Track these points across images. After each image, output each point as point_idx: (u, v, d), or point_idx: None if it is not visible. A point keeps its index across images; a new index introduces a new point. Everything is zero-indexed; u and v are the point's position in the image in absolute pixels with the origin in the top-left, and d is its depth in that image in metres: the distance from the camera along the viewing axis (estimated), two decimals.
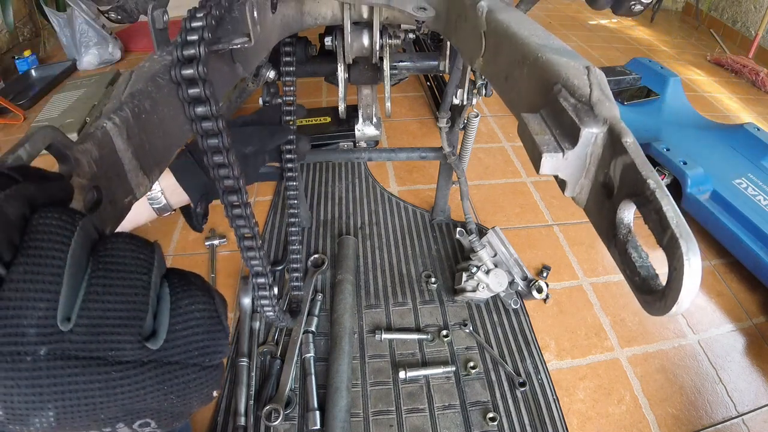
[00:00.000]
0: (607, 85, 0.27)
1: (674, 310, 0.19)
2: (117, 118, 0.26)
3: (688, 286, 0.18)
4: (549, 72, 0.29)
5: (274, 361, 0.97)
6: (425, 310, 1.11)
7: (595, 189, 0.26)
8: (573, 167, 0.26)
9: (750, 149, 1.49)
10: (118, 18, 0.56)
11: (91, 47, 2.28)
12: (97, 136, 0.25)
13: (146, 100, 0.29)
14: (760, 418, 0.96)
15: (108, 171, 0.26)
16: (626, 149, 0.23)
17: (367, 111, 1.00)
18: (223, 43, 0.33)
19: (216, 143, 0.33)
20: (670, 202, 0.20)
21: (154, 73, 0.30)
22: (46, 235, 0.16)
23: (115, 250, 0.18)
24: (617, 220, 0.24)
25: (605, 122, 0.24)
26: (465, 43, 0.50)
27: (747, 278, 1.25)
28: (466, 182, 1.10)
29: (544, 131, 0.26)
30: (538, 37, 0.34)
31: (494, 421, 0.90)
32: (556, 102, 0.27)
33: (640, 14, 0.55)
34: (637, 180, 0.22)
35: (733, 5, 2.97)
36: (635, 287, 0.23)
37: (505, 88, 0.38)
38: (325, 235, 1.29)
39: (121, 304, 0.17)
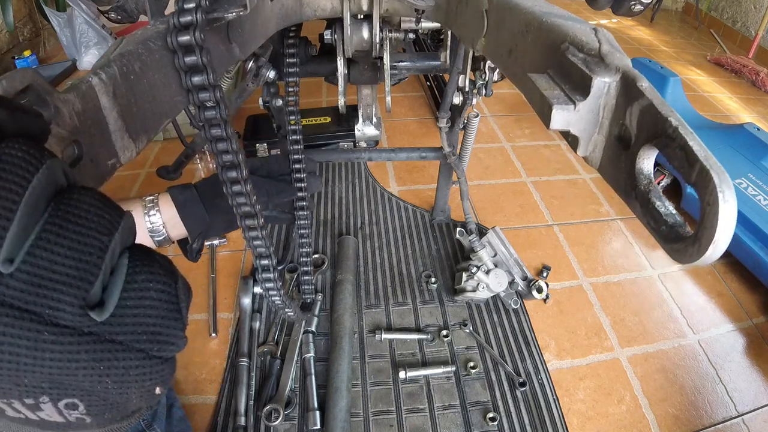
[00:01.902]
0: (616, 41, 0.26)
1: (709, 252, 0.17)
2: (104, 74, 0.25)
3: (724, 223, 0.16)
4: (555, 33, 0.28)
5: (274, 361, 0.97)
6: (425, 310, 1.11)
7: (609, 143, 0.25)
8: (585, 121, 0.25)
9: (750, 149, 1.49)
10: (118, 18, 0.56)
11: (91, 47, 2.28)
12: (81, 89, 0.24)
13: (136, 61, 0.28)
14: (760, 418, 0.96)
15: (91, 127, 0.25)
16: (643, 92, 0.22)
17: (367, 111, 1.00)
18: (219, 11, 0.32)
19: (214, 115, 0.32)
20: (695, 138, 0.19)
21: (146, 38, 0.29)
22: (7, 165, 0.14)
23: (79, 202, 0.16)
24: (637, 171, 0.23)
25: (618, 70, 0.24)
26: (466, 27, 0.50)
27: (747, 278, 1.25)
28: (466, 182, 1.10)
29: (552, 87, 0.26)
30: (541, 6, 0.34)
31: (494, 421, 0.90)
32: (564, 59, 0.26)
33: (640, 14, 0.55)
34: (657, 120, 0.21)
35: (733, 5, 2.97)
36: (662, 237, 0.21)
37: (509, 63, 0.37)
38: (325, 235, 1.29)
39: (71, 261, 0.15)
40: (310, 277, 0.97)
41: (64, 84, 2.10)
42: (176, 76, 0.31)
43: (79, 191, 0.17)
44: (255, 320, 1.04)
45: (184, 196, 0.54)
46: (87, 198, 0.16)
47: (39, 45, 2.55)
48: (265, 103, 0.89)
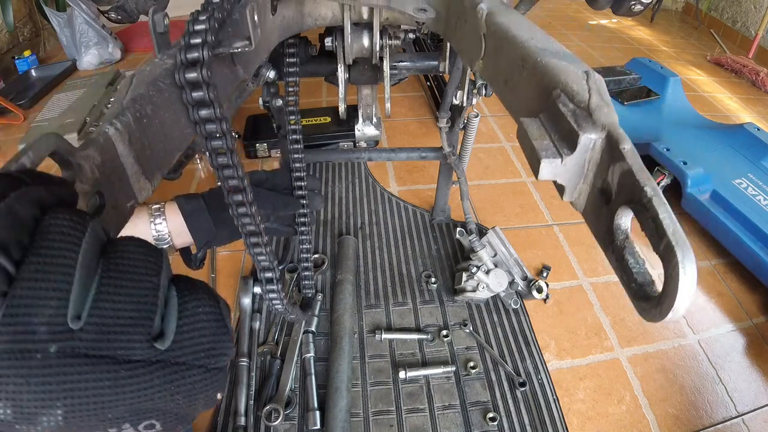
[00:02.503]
0: (606, 90, 0.27)
1: (670, 316, 0.19)
2: (119, 123, 0.26)
3: (683, 294, 0.18)
4: (548, 76, 0.29)
5: (274, 361, 0.97)
6: (425, 310, 1.11)
7: (593, 194, 0.26)
8: (571, 173, 0.26)
9: (750, 149, 1.49)
10: (118, 18, 0.56)
11: (91, 47, 2.28)
12: (99, 142, 0.25)
13: (148, 104, 0.29)
14: (760, 418, 0.96)
15: (110, 176, 0.26)
16: (624, 156, 0.23)
17: (367, 111, 1.00)
18: (224, 46, 0.33)
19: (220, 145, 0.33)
20: (667, 210, 0.20)
21: (155, 78, 0.30)
22: (57, 235, 0.16)
23: (125, 252, 0.19)
24: (615, 226, 0.24)
25: (604, 128, 0.24)
26: (465, 44, 0.50)
27: (747, 278, 1.25)
28: (466, 182, 1.10)
29: (542, 136, 0.26)
30: (538, 41, 0.34)
31: (494, 421, 0.90)
32: (554, 107, 0.27)
33: (640, 14, 0.55)
34: (635, 187, 0.22)
35: (733, 5, 2.97)
36: (632, 293, 0.23)
37: (505, 92, 0.39)
38: (325, 235, 1.29)
39: (131, 305, 0.17)
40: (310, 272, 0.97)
41: (64, 84, 2.10)
42: (185, 110, 0.32)
43: (122, 243, 0.19)
44: (255, 320, 1.04)
45: (191, 205, 0.55)
46: (131, 247, 0.19)
47: (39, 45, 2.55)
48: (265, 103, 0.89)
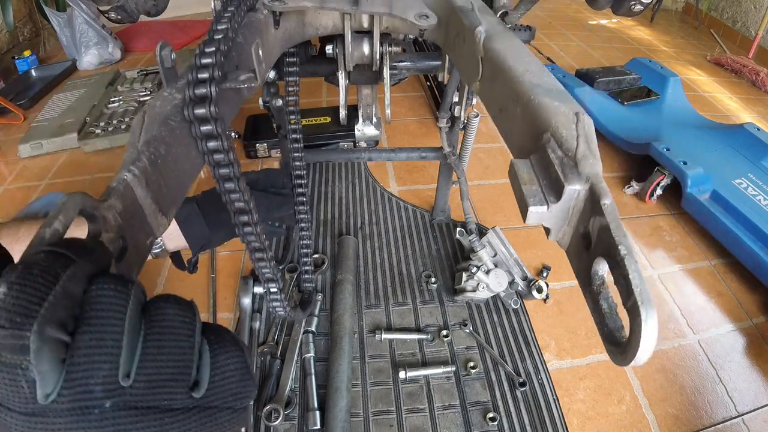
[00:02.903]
0: (594, 135, 0.28)
1: (632, 364, 0.21)
2: (136, 169, 0.27)
3: (645, 348, 0.20)
4: (540, 118, 0.30)
5: (274, 361, 0.97)
6: (425, 310, 1.11)
7: (575, 237, 0.27)
8: (556, 218, 0.27)
9: (750, 149, 1.49)
10: (118, 18, 0.56)
11: (91, 47, 2.28)
12: (119, 190, 0.26)
13: (161, 145, 0.30)
14: (760, 418, 0.96)
15: (131, 219, 0.27)
16: (603, 211, 0.24)
17: (367, 111, 1.00)
18: (230, 80, 0.34)
19: (227, 173, 0.35)
20: (637, 270, 0.21)
21: (166, 116, 0.31)
22: (105, 305, 0.19)
23: (164, 315, 0.21)
24: (592, 272, 0.25)
25: (588, 180, 0.26)
26: (463, 62, 0.50)
27: (747, 278, 1.25)
28: (466, 182, 1.10)
29: (532, 180, 0.28)
30: (533, 74, 0.35)
31: (494, 421, 0.90)
32: (544, 151, 0.28)
33: (640, 14, 0.55)
34: (611, 243, 0.23)
35: (733, 5, 2.97)
36: (602, 335, 0.24)
37: (500, 119, 0.39)
38: (325, 235, 1.29)
39: (172, 362, 0.20)
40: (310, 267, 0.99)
41: (64, 84, 2.10)
42: (194, 141, 0.33)
43: (160, 305, 0.21)
44: (255, 320, 1.04)
45: (185, 211, 0.54)
46: (169, 309, 0.21)
47: (39, 45, 2.55)
48: (265, 103, 0.89)
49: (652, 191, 1.47)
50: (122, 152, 1.32)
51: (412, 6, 0.56)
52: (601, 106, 1.77)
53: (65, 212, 0.21)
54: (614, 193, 1.54)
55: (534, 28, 0.91)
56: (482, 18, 0.46)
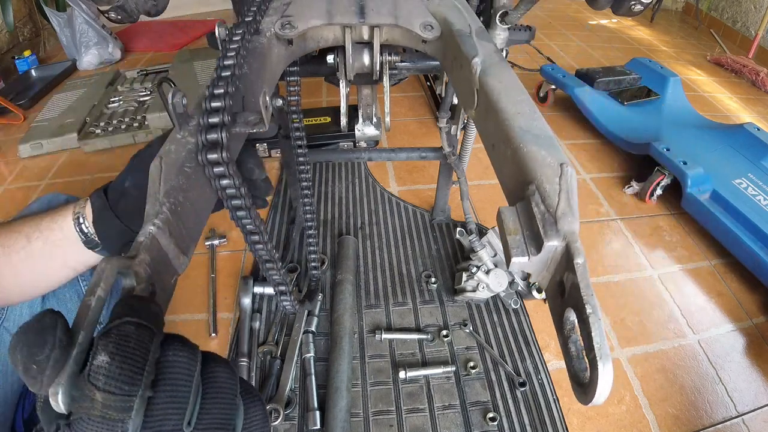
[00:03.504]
0: (576, 189, 0.31)
1: (591, 404, 0.24)
2: (159, 222, 0.30)
3: (600, 393, 0.23)
4: (527, 168, 0.33)
5: (274, 361, 0.98)
6: (425, 310, 1.11)
7: (552, 284, 0.30)
8: (536, 267, 0.30)
9: (750, 149, 1.49)
10: (118, 18, 0.56)
11: (91, 47, 2.28)
12: (146, 244, 0.28)
13: (179, 193, 0.32)
14: (760, 418, 0.96)
15: (158, 266, 0.29)
16: (575, 270, 0.26)
17: (367, 111, 1.00)
18: (239, 125, 0.36)
19: (239, 203, 0.36)
20: (599, 328, 0.24)
21: (182, 164, 0.33)
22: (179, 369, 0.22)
23: (217, 377, 0.25)
24: (564, 317, 0.28)
25: (565, 238, 0.28)
26: (460, 88, 0.51)
27: (747, 278, 1.25)
28: (466, 182, 1.10)
29: (516, 230, 0.30)
30: (523, 117, 0.37)
31: (494, 421, 0.90)
32: (529, 203, 0.31)
33: (640, 14, 0.55)
34: (579, 300, 0.26)
35: (733, 5, 2.97)
36: (570, 374, 0.28)
37: (493, 156, 0.41)
38: (325, 235, 1.29)
39: (222, 415, 0.25)
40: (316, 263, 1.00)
41: (64, 84, 2.10)
42: (207, 181, 0.35)
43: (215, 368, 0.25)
44: (255, 320, 1.04)
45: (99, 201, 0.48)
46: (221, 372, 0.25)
47: (39, 45, 2.55)
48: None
49: (652, 191, 1.47)
50: (122, 152, 1.34)
51: (417, 16, 0.56)
52: (601, 106, 1.77)
53: (105, 281, 0.23)
54: (614, 193, 1.54)
55: (534, 28, 0.91)
56: (479, 45, 0.47)
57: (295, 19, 0.53)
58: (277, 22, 0.52)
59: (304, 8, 0.56)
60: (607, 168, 1.66)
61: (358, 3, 0.58)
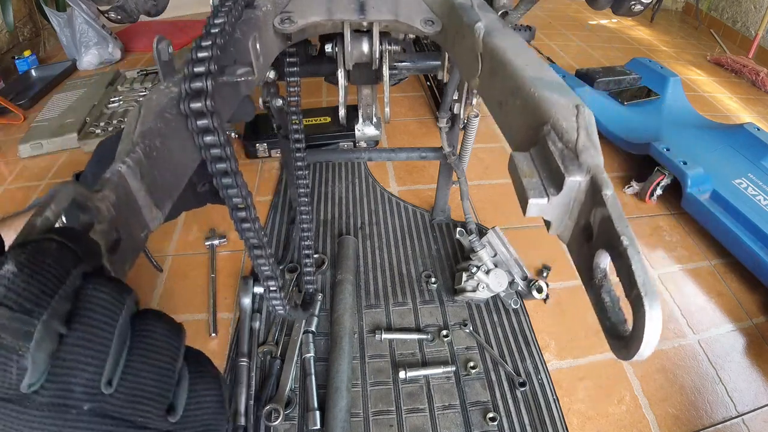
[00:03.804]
0: (595, 127, 0.28)
1: (635, 358, 0.21)
2: (130, 160, 0.27)
3: (648, 341, 0.19)
4: (540, 110, 0.30)
5: (274, 361, 0.97)
6: (425, 310, 1.11)
7: (576, 230, 0.27)
8: (557, 211, 0.27)
9: (750, 149, 1.49)
10: (118, 18, 0.56)
11: (91, 47, 2.28)
12: (113, 181, 0.26)
13: (156, 137, 0.30)
14: (760, 418, 0.96)
15: (125, 211, 0.26)
16: (605, 202, 0.24)
17: (367, 111, 1.00)
18: (227, 74, 0.34)
19: (224, 167, 0.34)
20: (640, 260, 0.21)
21: (162, 109, 0.31)
22: (100, 308, 0.18)
23: (152, 332, 0.21)
24: (594, 265, 0.25)
25: (589, 171, 0.25)
26: (462, 59, 0.50)
27: (747, 278, 1.25)
28: (466, 182, 1.10)
29: (532, 173, 0.27)
30: (533, 68, 0.35)
31: (494, 421, 0.90)
32: (544, 143, 0.28)
33: (640, 14, 0.55)
34: (612, 234, 0.23)
35: (733, 5, 2.97)
36: (605, 329, 0.24)
37: (500, 114, 0.39)
38: (325, 235, 1.29)
39: (153, 381, 0.20)
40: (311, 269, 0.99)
41: (64, 84, 2.10)
42: (190, 136, 0.32)
43: (151, 321, 0.21)
44: (255, 320, 1.04)
45: None
46: (158, 328, 0.21)
47: (39, 45, 2.55)
48: (265, 103, 0.89)
49: (652, 191, 1.47)
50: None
51: (417, 11, 0.56)
52: (601, 106, 1.77)
53: (57, 201, 0.21)
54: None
55: (534, 28, 0.90)
56: (481, 14, 0.47)
57: (295, 15, 0.53)
58: (277, 17, 0.52)
59: (304, 5, 0.56)
60: (607, 168, 1.62)
61: (358, 0, 0.58)
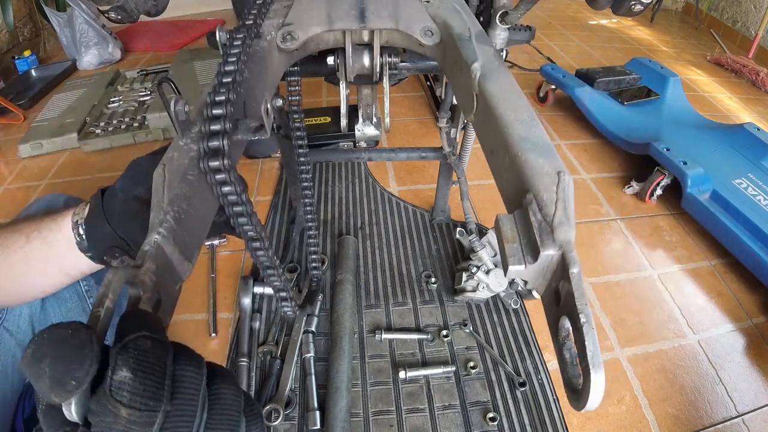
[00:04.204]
0: (572, 198, 0.31)
1: (582, 410, 0.25)
2: (164, 230, 0.30)
3: (593, 400, 0.24)
4: (525, 176, 0.33)
5: (274, 361, 0.97)
6: (425, 310, 1.11)
7: (548, 291, 0.31)
8: (533, 274, 0.30)
9: (750, 149, 1.49)
10: (118, 18, 0.56)
11: (91, 47, 2.28)
12: (152, 253, 0.29)
13: (183, 201, 0.32)
14: (760, 418, 0.96)
15: (163, 275, 0.29)
16: (570, 279, 0.27)
17: (367, 111, 1.00)
18: (242, 132, 0.36)
19: (241, 210, 0.36)
20: (593, 337, 0.24)
21: (185, 171, 0.33)
22: (189, 384, 0.23)
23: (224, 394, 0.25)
24: (559, 324, 0.28)
25: (561, 247, 0.29)
26: (459, 91, 0.51)
27: (747, 278, 1.25)
28: (466, 182, 1.10)
29: (514, 239, 0.31)
30: (522, 125, 0.37)
31: (494, 421, 0.90)
32: (527, 212, 0.31)
33: (640, 14, 0.55)
34: (573, 310, 0.26)
35: (733, 5, 2.97)
36: (563, 380, 0.28)
37: (491, 161, 0.42)
38: (325, 235, 1.29)
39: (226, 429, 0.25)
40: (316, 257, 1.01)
41: (64, 84, 2.10)
42: (209, 187, 0.35)
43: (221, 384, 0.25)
44: (255, 320, 1.04)
45: (94, 201, 0.47)
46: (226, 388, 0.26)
47: (39, 45, 2.55)
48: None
49: (652, 191, 1.47)
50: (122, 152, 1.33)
51: (417, 20, 0.56)
52: (601, 106, 1.77)
53: (114, 290, 0.24)
54: (614, 193, 1.54)
55: (534, 28, 0.91)
56: (478, 50, 0.47)
57: (296, 28, 0.54)
58: (278, 34, 0.52)
59: (304, 14, 0.56)
60: (607, 168, 1.66)
61: (358, 6, 0.58)
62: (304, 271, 1.18)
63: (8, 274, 0.49)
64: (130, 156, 1.75)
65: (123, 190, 0.45)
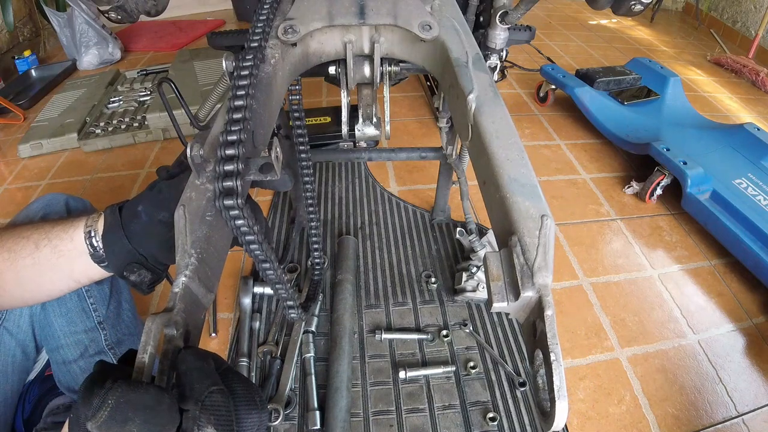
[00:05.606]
0: (553, 243, 0.34)
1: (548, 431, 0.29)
2: (189, 271, 0.33)
3: (557, 424, 0.28)
4: (511, 218, 0.36)
5: (274, 361, 0.97)
6: (425, 310, 1.11)
7: (528, 323, 0.34)
8: (515, 310, 0.34)
9: (750, 149, 1.49)
10: (118, 18, 0.56)
11: (91, 47, 2.28)
12: (182, 295, 0.31)
13: (204, 241, 0.35)
14: (760, 418, 0.96)
15: (191, 310, 0.32)
16: (544, 321, 0.30)
17: (367, 111, 1.00)
18: (253, 174, 0.38)
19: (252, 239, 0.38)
20: (560, 374, 0.28)
21: (203, 213, 0.36)
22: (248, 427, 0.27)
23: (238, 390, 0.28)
24: (535, 354, 0.31)
25: (539, 291, 0.32)
26: (456, 117, 0.52)
27: (747, 278, 1.25)
28: (466, 182, 1.10)
29: (499, 276, 0.34)
30: (512, 165, 0.40)
31: (494, 421, 0.90)
32: (511, 253, 0.34)
33: (640, 14, 0.55)
34: (545, 347, 0.29)
35: (733, 5, 2.97)
36: (535, 403, 0.32)
37: (484, 192, 0.44)
38: (325, 235, 1.29)
39: None
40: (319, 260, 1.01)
41: (64, 84, 2.10)
42: (225, 223, 0.37)
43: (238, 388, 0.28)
44: (255, 320, 1.04)
45: (112, 218, 0.48)
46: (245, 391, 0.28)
47: (39, 45, 2.55)
48: None
49: (652, 191, 1.47)
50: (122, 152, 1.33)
51: (416, 16, 0.57)
52: (601, 106, 1.77)
53: (154, 338, 0.26)
54: (614, 193, 1.54)
55: (534, 28, 0.91)
56: (475, 78, 0.48)
57: (297, 23, 0.54)
58: (280, 27, 0.53)
59: (305, 10, 0.56)
60: (607, 168, 1.66)
61: (358, 3, 0.59)
62: (304, 271, 1.18)
63: (15, 279, 0.50)
64: (130, 156, 1.75)
65: (147, 213, 0.47)
